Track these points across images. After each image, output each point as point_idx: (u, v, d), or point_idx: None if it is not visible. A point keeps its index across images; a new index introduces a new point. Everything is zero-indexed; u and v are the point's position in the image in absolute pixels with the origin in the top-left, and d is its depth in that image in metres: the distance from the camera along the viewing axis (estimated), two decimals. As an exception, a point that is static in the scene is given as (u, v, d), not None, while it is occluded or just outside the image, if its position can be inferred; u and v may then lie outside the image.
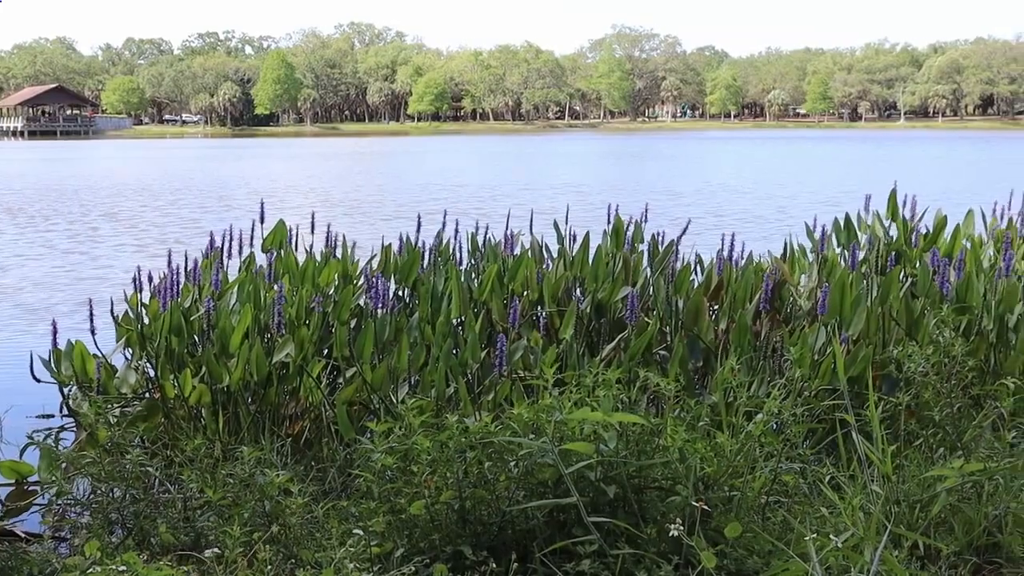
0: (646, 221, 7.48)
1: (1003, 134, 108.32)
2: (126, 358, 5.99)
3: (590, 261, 6.35)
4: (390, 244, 7.03)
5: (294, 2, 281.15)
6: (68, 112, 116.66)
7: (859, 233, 7.78)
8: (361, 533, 3.14)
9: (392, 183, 33.52)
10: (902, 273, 7.09)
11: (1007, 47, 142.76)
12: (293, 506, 3.51)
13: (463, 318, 5.95)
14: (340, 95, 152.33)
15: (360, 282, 6.70)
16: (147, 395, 5.66)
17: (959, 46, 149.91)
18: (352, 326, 5.96)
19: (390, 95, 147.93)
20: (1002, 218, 8.36)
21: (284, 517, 3.53)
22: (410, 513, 3.33)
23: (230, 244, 7.08)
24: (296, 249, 7.30)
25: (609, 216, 7.17)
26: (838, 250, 7.51)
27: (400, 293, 6.68)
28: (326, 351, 5.78)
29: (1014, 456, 3.58)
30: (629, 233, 7.20)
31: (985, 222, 8.40)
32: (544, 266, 6.81)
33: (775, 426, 3.74)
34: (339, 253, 7.13)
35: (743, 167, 45.87)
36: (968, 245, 7.66)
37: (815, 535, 2.92)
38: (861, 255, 7.20)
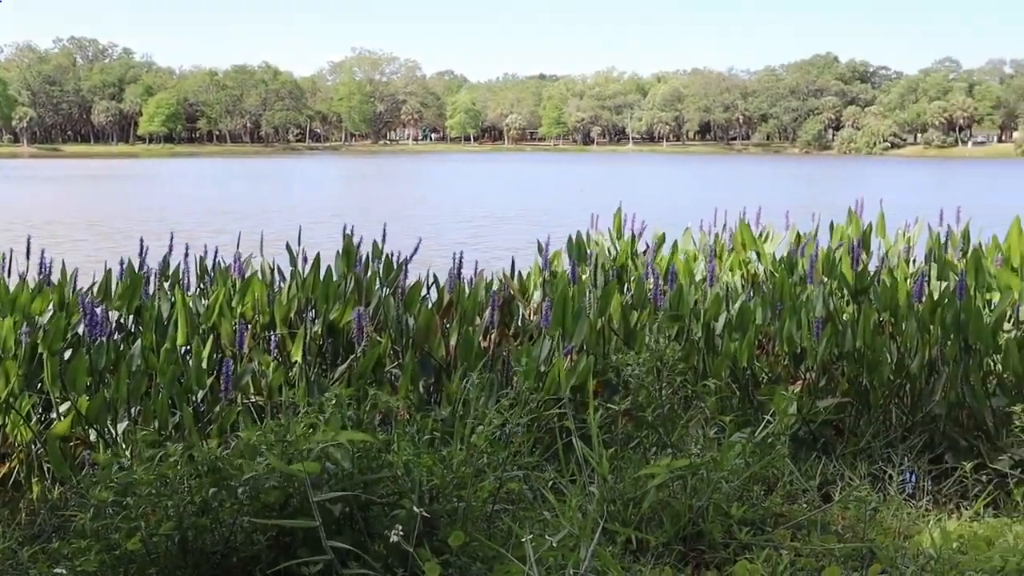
0: (384, 241, 7.48)
1: (719, 157, 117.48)
2: None
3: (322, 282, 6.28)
4: (111, 269, 6.66)
5: (4, 13, 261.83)
6: None
7: (588, 250, 8.15)
8: (66, 574, 2.95)
9: (122, 206, 31.87)
10: (625, 286, 7.49)
11: (721, 78, 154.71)
12: (-7, 551, 3.26)
13: (191, 344, 5.73)
14: (61, 114, 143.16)
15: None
16: None
17: (680, 76, 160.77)
18: (67, 357, 5.59)
19: (118, 115, 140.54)
20: (710, 233, 9.01)
21: (-17, 564, 3.26)
22: (125, 549, 3.16)
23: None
24: (9, 277, 6.77)
25: (343, 237, 7.11)
26: (568, 267, 7.82)
27: (123, 320, 6.34)
28: (38, 385, 5.39)
29: (716, 451, 3.85)
30: (364, 253, 7.17)
31: (694, 238, 9.02)
32: (276, 288, 6.67)
33: (504, 437, 3.84)
34: (56, 280, 6.67)
35: (488, 188, 47.00)
36: (683, 259, 8.22)
37: (532, 536, 3.03)
38: (589, 271, 7.54)
